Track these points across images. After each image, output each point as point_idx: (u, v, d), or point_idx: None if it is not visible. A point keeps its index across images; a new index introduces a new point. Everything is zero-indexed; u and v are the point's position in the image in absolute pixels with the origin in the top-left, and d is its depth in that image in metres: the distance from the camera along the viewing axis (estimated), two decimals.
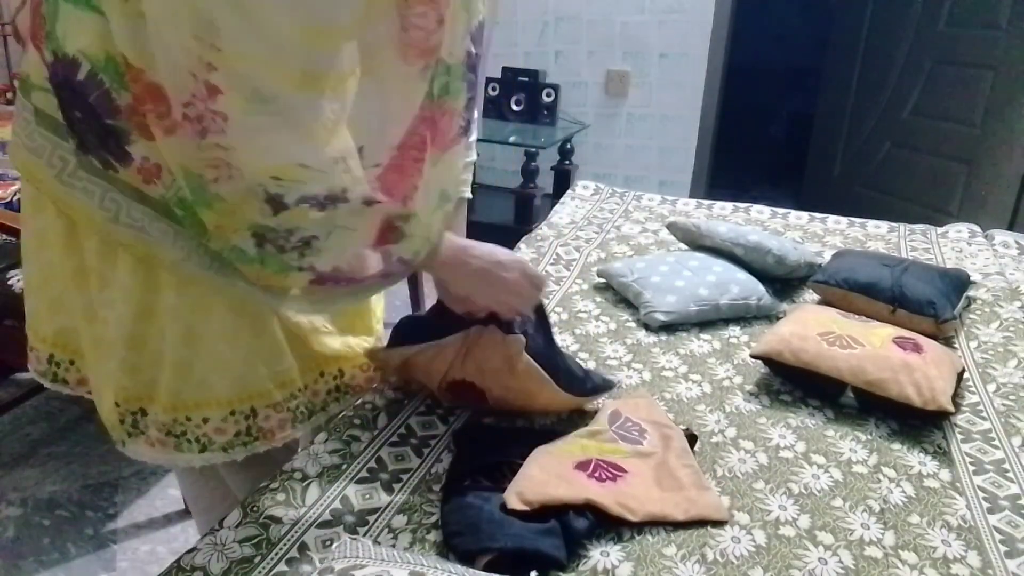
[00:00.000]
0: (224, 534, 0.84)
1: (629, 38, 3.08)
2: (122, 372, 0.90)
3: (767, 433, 1.09)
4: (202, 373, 0.90)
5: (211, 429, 0.93)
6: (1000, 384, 1.23)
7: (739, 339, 1.36)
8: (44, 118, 0.82)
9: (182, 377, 0.90)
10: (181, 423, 0.92)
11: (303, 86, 0.71)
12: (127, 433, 0.93)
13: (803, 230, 1.96)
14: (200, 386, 0.90)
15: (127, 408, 0.92)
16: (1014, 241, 1.87)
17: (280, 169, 0.72)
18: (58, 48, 0.76)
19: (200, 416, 0.92)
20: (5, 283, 1.69)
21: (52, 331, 0.96)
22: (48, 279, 0.92)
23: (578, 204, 2.11)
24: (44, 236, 0.90)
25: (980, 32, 2.82)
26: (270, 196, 0.73)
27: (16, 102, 0.86)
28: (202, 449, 0.93)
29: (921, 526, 0.91)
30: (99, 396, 0.94)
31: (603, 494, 0.87)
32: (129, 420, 0.93)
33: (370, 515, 0.89)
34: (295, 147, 0.72)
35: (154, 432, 0.92)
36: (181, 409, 0.91)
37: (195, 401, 0.91)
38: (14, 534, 1.69)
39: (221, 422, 0.93)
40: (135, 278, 0.86)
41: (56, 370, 0.97)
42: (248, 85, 0.69)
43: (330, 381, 1.04)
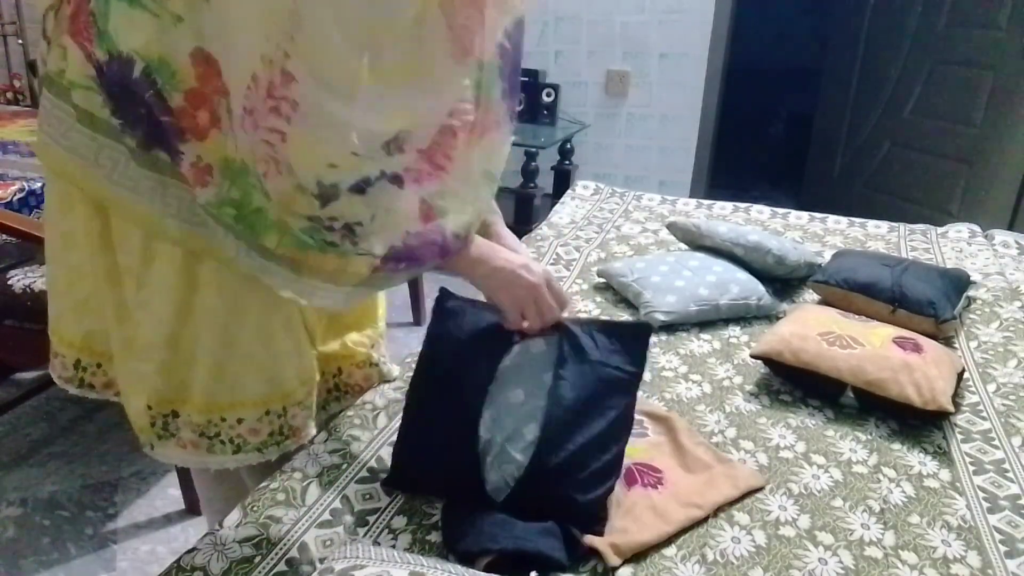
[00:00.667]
0: (224, 534, 0.84)
1: (629, 38, 3.08)
2: (157, 374, 0.90)
3: (767, 433, 1.09)
4: (237, 374, 0.90)
5: (245, 430, 0.93)
6: (1000, 384, 1.23)
7: (739, 339, 1.36)
8: (87, 116, 0.82)
9: (217, 378, 0.90)
10: (215, 424, 0.92)
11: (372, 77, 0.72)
12: (157, 436, 0.93)
13: (803, 230, 1.96)
14: (235, 387, 0.91)
15: (159, 411, 0.92)
16: (1014, 241, 1.87)
17: (338, 157, 0.73)
18: (112, 47, 0.75)
19: (235, 417, 0.92)
20: (5, 283, 1.69)
21: (80, 335, 0.95)
22: (76, 281, 0.91)
23: (578, 204, 2.11)
24: (72, 237, 0.89)
25: (980, 32, 2.82)
26: (323, 187, 0.73)
27: (42, 101, 0.85)
28: (236, 450, 0.93)
29: (921, 526, 0.91)
30: (128, 399, 0.94)
31: (674, 511, 0.89)
32: (160, 422, 0.92)
33: (370, 515, 0.89)
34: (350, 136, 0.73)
35: (187, 434, 0.92)
36: (215, 410, 0.91)
37: (229, 402, 0.91)
38: (14, 534, 1.69)
39: (256, 422, 0.94)
40: (177, 278, 0.86)
41: (83, 375, 0.96)
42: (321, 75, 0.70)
43: (329, 380, 1.05)
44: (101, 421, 2.07)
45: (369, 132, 0.74)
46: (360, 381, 1.09)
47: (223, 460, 0.93)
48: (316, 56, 0.69)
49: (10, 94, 3.80)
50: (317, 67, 0.69)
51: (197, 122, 0.75)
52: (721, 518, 0.91)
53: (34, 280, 1.68)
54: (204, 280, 0.86)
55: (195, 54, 0.74)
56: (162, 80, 0.75)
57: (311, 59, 0.69)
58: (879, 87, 3.28)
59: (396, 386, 1.13)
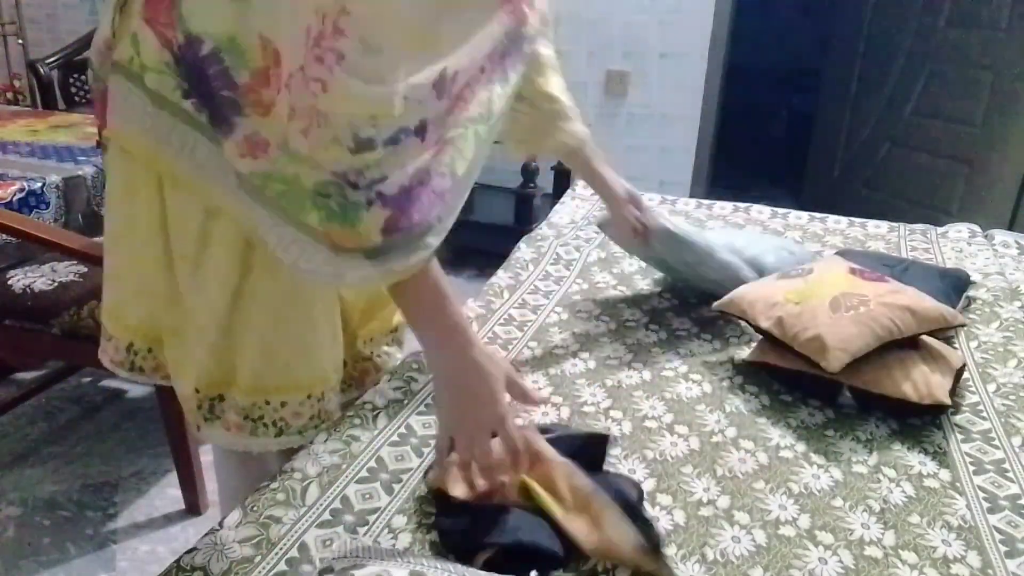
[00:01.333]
0: (224, 534, 0.84)
1: (629, 38, 3.08)
2: (208, 357, 0.92)
3: (767, 433, 1.09)
4: (286, 357, 0.93)
5: (288, 413, 0.96)
6: (1000, 384, 1.23)
7: (739, 339, 1.36)
8: (159, 99, 0.83)
9: (267, 361, 0.92)
10: (260, 407, 0.94)
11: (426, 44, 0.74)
12: (204, 418, 0.96)
13: (803, 230, 1.96)
14: (284, 370, 0.93)
15: (207, 394, 0.94)
16: (1014, 241, 1.87)
17: (380, 107, 0.72)
18: (186, 29, 0.76)
19: (279, 400, 0.95)
20: (5, 283, 1.69)
21: (137, 318, 0.97)
22: (136, 265, 0.93)
23: (578, 204, 2.11)
24: (136, 221, 0.91)
25: (980, 32, 2.82)
26: (360, 140, 0.72)
27: (111, 88, 0.86)
28: (278, 433, 0.96)
29: (921, 526, 0.91)
30: (177, 381, 0.97)
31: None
32: (207, 405, 0.95)
33: (370, 515, 0.89)
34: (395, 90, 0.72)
35: (232, 416, 0.94)
36: (262, 393, 0.94)
37: (276, 385, 0.94)
38: (14, 534, 1.69)
39: (299, 406, 0.96)
40: (231, 262, 0.88)
41: (134, 359, 0.99)
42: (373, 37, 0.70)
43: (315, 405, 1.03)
44: (101, 421, 2.07)
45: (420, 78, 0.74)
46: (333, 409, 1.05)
47: (265, 442, 0.96)
48: (374, 16, 0.70)
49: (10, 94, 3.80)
50: (372, 30, 0.70)
51: (262, 98, 0.75)
52: (721, 518, 0.91)
53: (34, 280, 1.68)
54: (259, 264, 0.88)
55: (262, 37, 0.74)
56: (229, 59, 0.75)
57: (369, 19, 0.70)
58: (879, 87, 3.28)
59: (396, 386, 1.13)
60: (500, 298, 1.48)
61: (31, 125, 2.44)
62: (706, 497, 0.95)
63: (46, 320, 1.63)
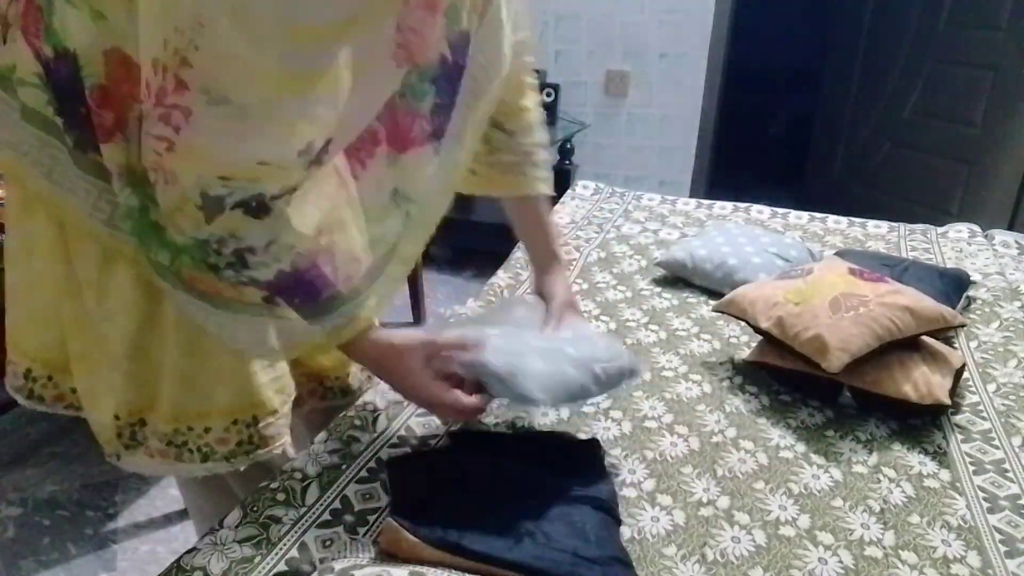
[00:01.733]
0: (224, 534, 0.84)
1: (629, 38, 3.07)
2: (125, 384, 0.88)
3: (767, 433, 1.09)
4: (205, 383, 0.89)
5: (213, 439, 0.92)
6: (1000, 384, 1.23)
7: (739, 339, 1.36)
8: (31, 115, 0.79)
9: (185, 387, 0.89)
10: (183, 433, 0.91)
11: (283, 87, 0.68)
12: (124, 446, 0.92)
13: (803, 230, 1.96)
14: (203, 396, 0.90)
15: (127, 420, 0.90)
16: (1014, 241, 1.87)
17: (234, 168, 0.69)
18: (58, 43, 0.74)
19: (202, 426, 0.91)
20: None
21: (35, 345, 0.92)
22: (35, 288, 0.88)
23: (578, 204, 2.11)
24: (33, 242, 0.86)
25: (980, 32, 2.82)
26: (209, 199, 0.69)
27: None
28: (204, 459, 0.92)
29: (921, 526, 0.91)
30: (91, 411, 0.92)
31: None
32: (128, 433, 0.91)
33: (370, 515, 0.89)
34: (258, 145, 0.69)
35: (154, 443, 0.91)
36: (183, 419, 0.90)
37: (197, 412, 0.90)
38: (14, 534, 1.69)
39: (223, 432, 0.92)
40: (137, 290, 0.84)
41: (32, 386, 0.94)
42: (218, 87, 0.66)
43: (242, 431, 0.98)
44: None
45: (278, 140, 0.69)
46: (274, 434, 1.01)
47: (192, 468, 0.92)
48: (217, 66, 0.65)
49: None
50: (216, 78, 0.65)
51: (103, 121, 0.73)
52: (721, 518, 0.91)
53: None
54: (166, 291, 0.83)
55: (110, 52, 0.71)
56: (93, 76, 0.73)
57: (211, 69, 0.65)
58: (879, 87, 3.28)
59: None
60: (500, 298, 1.48)
61: None
62: (706, 497, 0.95)
63: None
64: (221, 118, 0.67)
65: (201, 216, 0.70)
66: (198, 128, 0.67)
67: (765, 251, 1.58)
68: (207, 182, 0.69)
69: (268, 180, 0.70)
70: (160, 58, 0.65)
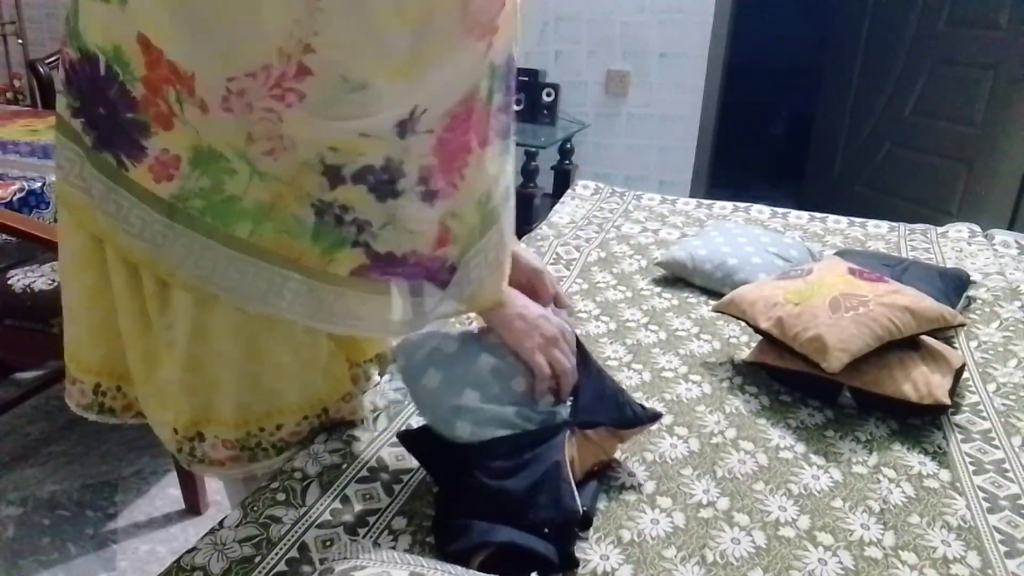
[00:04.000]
0: (224, 534, 0.84)
1: (629, 38, 3.07)
2: (179, 394, 0.89)
3: (767, 433, 1.09)
4: (269, 383, 0.90)
5: (287, 433, 0.94)
6: (1000, 384, 1.23)
7: (739, 339, 1.36)
8: (59, 120, 0.82)
9: (250, 390, 0.90)
10: (254, 435, 0.92)
11: (396, 76, 0.72)
12: (186, 461, 0.93)
13: (803, 230, 1.96)
14: (269, 396, 0.91)
15: (185, 435, 0.91)
16: (1014, 241, 1.87)
17: (338, 140, 0.73)
18: (82, 45, 0.75)
19: (273, 424, 0.93)
20: (5, 283, 1.69)
21: (98, 357, 0.92)
22: (93, 301, 0.88)
23: (578, 204, 2.11)
24: (84, 256, 0.87)
25: (980, 32, 2.82)
26: (327, 168, 0.74)
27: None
28: (279, 452, 0.95)
29: (921, 526, 0.91)
30: (153, 422, 0.93)
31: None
32: (187, 448, 0.92)
33: (370, 515, 0.89)
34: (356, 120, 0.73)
35: (222, 451, 0.91)
36: (253, 422, 0.92)
37: (266, 411, 0.92)
38: (14, 534, 1.69)
39: (295, 427, 0.95)
40: (188, 297, 0.84)
41: (103, 399, 0.94)
42: (338, 72, 0.70)
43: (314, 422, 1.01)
44: None
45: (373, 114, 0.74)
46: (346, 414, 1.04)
47: (269, 464, 0.95)
48: (333, 53, 0.70)
49: (10, 94, 3.80)
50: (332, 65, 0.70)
51: (161, 110, 0.74)
52: (721, 519, 0.91)
53: (34, 280, 1.68)
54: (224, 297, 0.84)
55: (139, 38, 0.73)
56: (121, 71, 0.74)
57: (331, 53, 0.69)
58: (879, 87, 3.28)
59: (396, 386, 1.13)
60: None
61: (31, 125, 2.44)
62: (706, 499, 0.95)
63: (46, 320, 1.63)
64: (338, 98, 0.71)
65: (325, 182, 0.75)
66: (311, 107, 0.71)
67: (765, 251, 1.58)
68: (321, 151, 0.73)
69: (370, 151, 0.74)
70: (285, 47, 0.69)
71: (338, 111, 0.72)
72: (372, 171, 0.75)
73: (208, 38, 0.70)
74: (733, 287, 1.39)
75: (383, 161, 0.75)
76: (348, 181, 0.75)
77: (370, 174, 0.75)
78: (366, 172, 0.75)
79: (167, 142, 0.76)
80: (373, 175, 0.75)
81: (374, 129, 0.74)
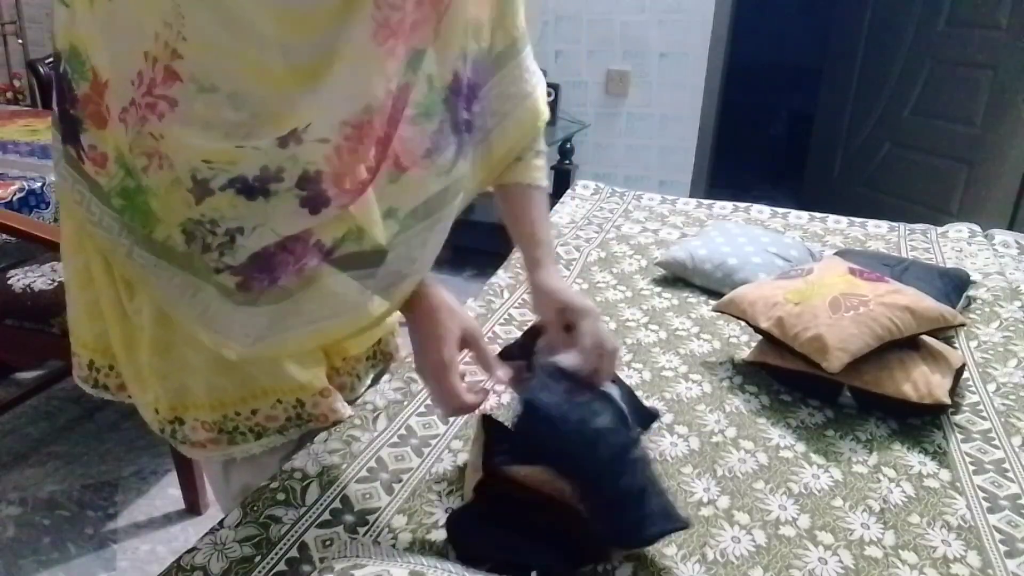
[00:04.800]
0: (224, 534, 0.84)
1: (629, 38, 3.07)
2: (153, 377, 0.90)
3: (767, 433, 1.09)
4: (241, 366, 0.91)
5: (262, 418, 0.95)
6: (1000, 384, 1.23)
7: (739, 339, 1.36)
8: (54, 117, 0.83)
9: (222, 373, 0.91)
10: (231, 418, 0.93)
11: (285, 82, 0.69)
12: (172, 442, 0.95)
13: (803, 230, 1.96)
14: (242, 381, 0.92)
15: (164, 417, 0.93)
16: (1014, 241, 1.87)
17: (213, 152, 0.70)
18: (54, 44, 0.77)
19: (248, 409, 0.94)
20: (5, 283, 1.69)
21: (92, 336, 0.95)
22: (87, 282, 0.91)
23: (578, 204, 2.11)
24: (75, 240, 0.89)
25: (980, 32, 2.82)
26: (197, 182, 0.70)
27: None
28: (257, 437, 0.95)
29: (921, 526, 0.91)
30: (137, 401, 0.95)
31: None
32: (168, 429, 0.93)
33: (370, 515, 0.89)
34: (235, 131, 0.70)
35: (202, 433, 0.93)
36: (229, 405, 0.93)
37: (240, 396, 0.93)
38: (14, 534, 1.69)
39: (270, 410, 0.95)
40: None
41: (96, 376, 0.97)
42: (206, 76, 0.67)
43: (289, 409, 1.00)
44: (101, 421, 2.07)
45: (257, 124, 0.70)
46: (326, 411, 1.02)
47: (248, 448, 0.95)
48: (204, 55, 0.67)
49: (10, 94, 3.80)
50: (204, 68, 0.67)
51: (100, 110, 0.74)
52: (721, 518, 0.91)
53: (34, 280, 1.68)
54: None
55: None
56: (71, 69, 0.74)
57: (200, 59, 0.66)
58: (879, 87, 3.28)
59: (396, 386, 1.13)
60: (500, 298, 1.48)
61: (31, 125, 2.44)
62: (706, 497, 0.95)
63: (46, 320, 1.63)
64: (209, 106, 0.68)
65: (192, 198, 0.71)
66: (183, 116, 0.68)
67: (765, 251, 1.58)
68: (195, 164, 0.70)
69: (245, 162, 0.70)
70: (151, 51, 0.66)
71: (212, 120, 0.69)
72: (242, 180, 0.71)
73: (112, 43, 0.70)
74: (733, 287, 1.39)
75: (257, 171, 0.71)
76: (215, 192, 0.71)
77: (239, 182, 0.71)
78: (235, 181, 0.71)
79: (96, 139, 0.76)
80: (242, 182, 0.71)
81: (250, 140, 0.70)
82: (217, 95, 0.68)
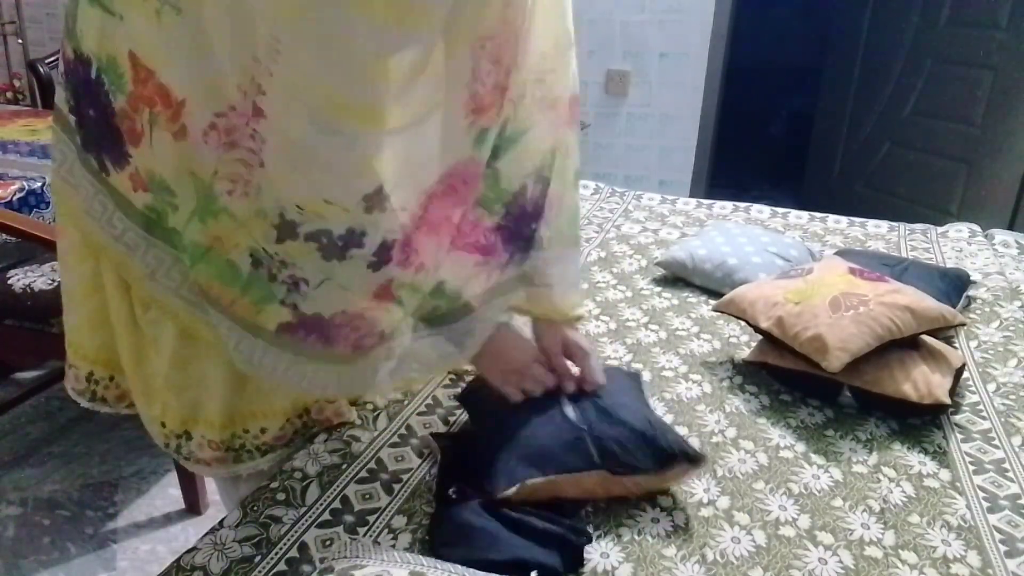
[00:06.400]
0: (224, 534, 0.84)
1: (629, 38, 3.07)
2: (168, 391, 0.89)
3: (767, 433, 1.09)
4: (257, 383, 0.91)
5: (270, 437, 0.95)
6: (1000, 384, 1.23)
7: (739, 339, 1.36)
8: (56, 112, 0.83)
9: (236, 391, 0.90)
10: (239, 436, 0.93)
11: (367, 120, 0.69)
12: (175, 456, 0.95)
13: (803, 230, 1.96)
14: (256, 397, 0.92)
15: (172, 430, 0.92)
16: (1014, 241, 1.87)
17: (304, 200, 0.71)
18: (77, 46, 0.76)
19: (257, 427, 0.94)
20: (5, 283, 1.69)
21: (94, 346, 0.92)
22: (90, 292, 0.89)
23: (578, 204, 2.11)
24: (82, 247, 0.87)
25: (980, 32, 2.82)
26: (284, 222, 0.72)
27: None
28: (263, 454, 0.96)
29: (921, 526, 0.91)
30: (142, 412, 0.94)
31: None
32: (174, 444, 0.93)
33: (370, 515, 0.89)
34: (326, 182, 0.71)
35: (208, 452, 0.92)
36: (239, 423, 0.92)
37: (251, 412, 0.93)
38: (14, 534, 1.69)
39: (279, 431, 0.96)
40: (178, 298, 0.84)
41: (95, 388, 0.95)
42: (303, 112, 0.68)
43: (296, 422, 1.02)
44: (101, 421, 2.07)
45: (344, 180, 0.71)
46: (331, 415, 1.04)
47: (254, 464, 0.96)
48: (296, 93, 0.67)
49: (10, 94, 3.80)
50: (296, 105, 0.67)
51: (134, 126, 0.74)
52: (721, 518, 0.91)
53: (34, 280, 1.68)
54: None
55: (131, 56, 0.72)
56: (108, 80, 0.74)
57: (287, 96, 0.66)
58: (879, 87, 3.28)
59: (397, 387, 1.13)
60: None
61: (31, 125, 2.44)
62: (706, 498, 0.95)
63: (46, 320, 1.63)
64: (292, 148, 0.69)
65: (274, 234, 0.73)
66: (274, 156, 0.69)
67: (765, 251, 1.58)
68: (285, 205, 0.71)
69: (332, 218, 0.72)
70: (242, 84, 0.67)
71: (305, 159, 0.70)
72: (328, 234, 0.73)
73: (199, 67, 0.69)
74: (733, 287, 1.39)
75: (343, 230, 0.73)
76: (300, 238, 0.72)
77: (325, 236, 0.73)
78: (321, 234, 0.73)
79: (136, 158, 0.76)
80: (327, 237, 0.73)
81: (341, 198, 0.72)
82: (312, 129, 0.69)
